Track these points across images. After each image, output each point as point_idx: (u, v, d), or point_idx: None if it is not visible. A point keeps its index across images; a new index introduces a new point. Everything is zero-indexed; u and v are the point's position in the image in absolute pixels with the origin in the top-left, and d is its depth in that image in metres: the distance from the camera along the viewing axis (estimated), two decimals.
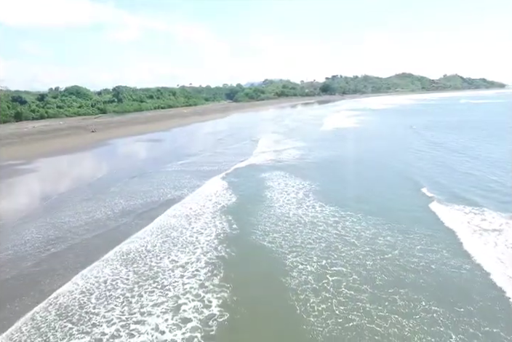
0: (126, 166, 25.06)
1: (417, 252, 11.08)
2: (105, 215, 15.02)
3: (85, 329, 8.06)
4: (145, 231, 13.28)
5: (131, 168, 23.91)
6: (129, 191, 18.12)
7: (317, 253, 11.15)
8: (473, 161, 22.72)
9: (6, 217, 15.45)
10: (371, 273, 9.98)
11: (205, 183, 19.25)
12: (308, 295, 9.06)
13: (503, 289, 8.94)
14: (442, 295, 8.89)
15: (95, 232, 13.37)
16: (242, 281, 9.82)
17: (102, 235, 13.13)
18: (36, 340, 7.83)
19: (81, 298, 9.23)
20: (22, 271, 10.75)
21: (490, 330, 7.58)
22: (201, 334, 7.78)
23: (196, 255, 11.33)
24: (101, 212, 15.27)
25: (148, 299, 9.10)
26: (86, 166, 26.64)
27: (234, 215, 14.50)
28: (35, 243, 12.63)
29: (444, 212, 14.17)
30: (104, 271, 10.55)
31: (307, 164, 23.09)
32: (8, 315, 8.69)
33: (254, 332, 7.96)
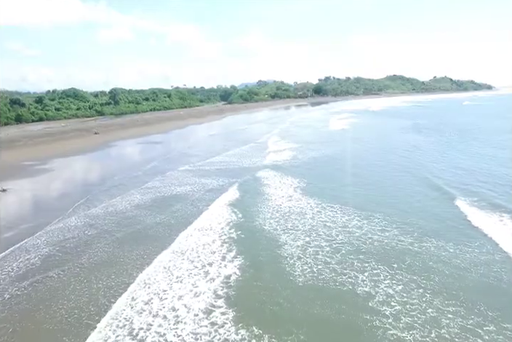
0: (137, 165, 27.93)
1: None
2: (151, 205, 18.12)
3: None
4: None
5: (144, 168, 26.89)
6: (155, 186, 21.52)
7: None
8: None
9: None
10: (340, 245, 13.19)
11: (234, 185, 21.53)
12: (295, 259, 12.21)
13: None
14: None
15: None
16: (249, 253, 12.89)
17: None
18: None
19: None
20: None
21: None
22: (223, 285, 10.85)
23: (217, 236, 14.41)
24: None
25: (186, 266, 12.12)
26: (100, 165, 29.52)
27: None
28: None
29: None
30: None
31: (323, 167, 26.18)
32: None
33: (260, 282, 11.05)
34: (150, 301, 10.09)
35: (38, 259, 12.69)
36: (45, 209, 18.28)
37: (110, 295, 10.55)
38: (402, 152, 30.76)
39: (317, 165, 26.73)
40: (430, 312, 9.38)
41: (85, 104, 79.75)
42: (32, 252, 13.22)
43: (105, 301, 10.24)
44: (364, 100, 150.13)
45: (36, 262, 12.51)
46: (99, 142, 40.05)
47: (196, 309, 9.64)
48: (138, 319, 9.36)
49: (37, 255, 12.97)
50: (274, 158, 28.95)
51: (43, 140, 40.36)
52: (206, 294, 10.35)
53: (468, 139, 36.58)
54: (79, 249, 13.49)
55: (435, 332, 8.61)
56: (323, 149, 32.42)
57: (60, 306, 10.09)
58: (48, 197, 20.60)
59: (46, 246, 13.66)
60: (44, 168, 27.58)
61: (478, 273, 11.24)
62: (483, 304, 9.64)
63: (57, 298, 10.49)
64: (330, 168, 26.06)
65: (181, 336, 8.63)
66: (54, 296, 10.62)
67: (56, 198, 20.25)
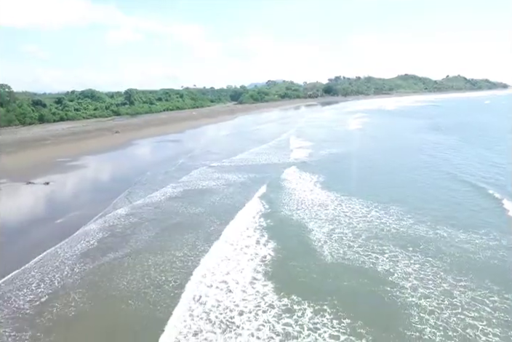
0: (165, 162, 29.73)
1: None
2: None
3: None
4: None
5: (173, 164, 28.66)
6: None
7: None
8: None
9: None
10: (360, 232, 14.79)
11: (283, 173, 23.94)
12: (322, 243, 13.89)
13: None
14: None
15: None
16: (280, 238, 14.58)
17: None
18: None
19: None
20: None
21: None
22: (260, 263, 12.58)
23: (251, 224, 16.16)
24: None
25: (228, 248, 13.94)
26: (129, 162, 31.66)
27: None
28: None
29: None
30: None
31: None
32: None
33: (293, 262, 12.74)
34: (204, 276, 11.86)
35: (96, 241, 14.63)
36: (90, 200, 20.27)
37: (161, 269, 12.39)
38: (423, 150, 32.14)
39: (339, 162, 28.50)
40: (443, 286, 10.93)
41: (102, 104, 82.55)
42: (90, 236, 15.16)
43: (156, 275, 12.06)
44: (375, 99, 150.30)
45: (94, 243, 14.44)
46: (121, 141, 42.32)
47: (242, 282, 11.39)
48: (196, 288, 11.14)
49: (94, 238, 14.89)
50: (296, 156, 30.71)
51: (68, 138, 42.87)
52: (248, 270, 12.10)
53: (497, 140, 36.28)
54: (129, 236, 15.36)
55: (448, 301, 10.17)
56: (342, 148, 34.01)
57: (120, 278, 11.94)
58: (89, 190, 22.68)
59: (101, 231, 15.58)
60: (76, 164, 29.82)
61: (486, 256, 12.75)
62: (489, 281, 11.14)
63: (116, 272, 12.36)
64: (352, 165, 27.87)
65: (234, 302, 10.38)
66: (114, 270, 12.49)
67: (97, 191, 22.31)
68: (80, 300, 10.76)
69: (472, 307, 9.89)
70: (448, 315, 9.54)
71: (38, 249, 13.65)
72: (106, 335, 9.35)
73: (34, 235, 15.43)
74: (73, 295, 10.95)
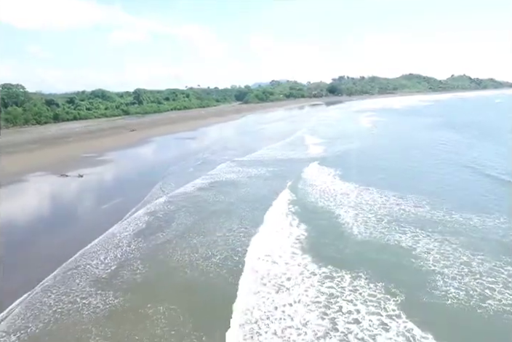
0: (188, 157, 31.38)
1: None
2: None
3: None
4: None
5: (196, 159, 30.32)
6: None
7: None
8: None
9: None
10: (382, 217, 16.35)
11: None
12: (350, 225, 15.44)
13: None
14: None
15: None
16: (310, 221, 16.16)
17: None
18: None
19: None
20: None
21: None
22: (296, 241, 14.17)
23: (282, 211, 17.77)
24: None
25: (264, 229, 15.54)
26: (153, 157, 33.37)
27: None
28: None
29: None
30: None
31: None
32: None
33: (325, 240, 14.30)
34: (248, 251, 13.47)
35: (144, 224, 16.25)
36: (127, 190, 22.00)
37: (207, 246, 13.98)
38: (437, 146, 33.42)
39: (355, 157, 30.08)
40: (462, 258, 12.46)
41: (112, 104, 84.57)
42: (137, 220, 16.78)
43: (203, 251, 13.67)
44: (380, 99, 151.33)
45: (143, 226, 16.07)
46: (139, 138, 44.08)
47: (283, 256, 12.98)
48: (244, 260, 12.76)
49: (142, 222, 16.50)
50: (314, 151, 32.35)
51: (88, 136, 44.74)
52: (287, 247, 13.69)
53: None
54: (172, 220, 16.93)
55: (467, 269, 11.71)
56: (357, 144, 35.54)
57: (173, 253, 13.55)
58: (122, 181, 24.44)
59: (146, 216, 17.20)
60: (103, 159, 31.58)
61: (499, 235, 14.26)
62: (503, 255, 12.66)
63: (167, 249, 13.95)
64: (367, 159, 29.35)
65: (281, 270, 11.95)
66: (165, 247, 14.09)
67: (131, 182, 24.05)
68: (143, 269, 12.40)
69: (489, 274, 11.42)
70: (468, 280, 11.09)
71: (98, 230, 15.34)
72: (176, 293, 10.94)
73: (89, 219, 17.18)
74: (136, 265, 12.59)
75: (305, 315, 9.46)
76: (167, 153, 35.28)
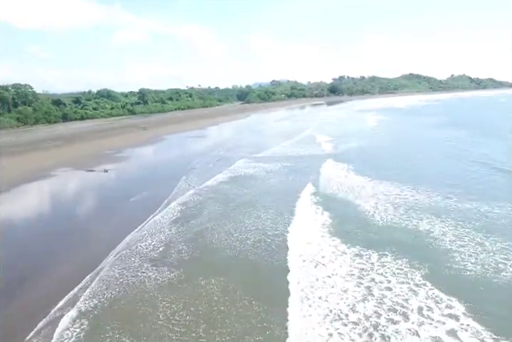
0: (205, 153, 32.82)
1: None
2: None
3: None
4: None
5: (214, 155, 31.74)
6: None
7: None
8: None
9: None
10: (399, 206, 17.76)
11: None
12: (371, 213, 16.83)
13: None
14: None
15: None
16: (333, 210, 17.55)
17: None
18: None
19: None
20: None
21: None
22: (322, 226, 15.56)
23: (306, 201, 19.17)
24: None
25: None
26: (170, 154, 34.74)
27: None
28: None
29: None
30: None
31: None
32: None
33: (349, 225, 15.67)
34: (279, 235, 14.89)
35: (178, 213, 17.60)
36: (153, 183, 23.35)
37: (241, 231, 15.34)
38: (444, 143, 34.84)
39: (366, 153, 31.46)
40: (476, 239, 13.83)
41: (118, 104, 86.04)
42: (172, 209, 18.12)
43: (237, 235, 15.01)
44: (381, 99, 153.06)
45: (178, 214, 17.42)
46: (151, 136, 45.45)
47: (314, 239, 14.37)
48: (277, 242, 14.15)
49: (176, 211, 17.85)
50: (326, 148, 33.79)
51: (102, 134, 46.09)
52: (315, 231, 15.07)
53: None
54: (203, 210, 18.29)
55: (481, 248, 13.10)
56: (366, 142, 36.91)
57: (211, 237, 14.89)
58: (147, 176, 25.80)
59: (179, 206, 18.57)
60: (123, 155, 32.96)
61: (508, 221, 15.68)
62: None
63: (204, 233, 15.27)
64: (378, 155, 30.87)
65: (315, 250, 13.35)
66: (202, 232, 15.41)
67: (155, 176, 25.43)
68: (188, 249, 13.76)
69: (502, 252, 12.81)
70: (483, 257, 12.48)
71: (138, 219, 16.67)
72: (221, 269, 12.28)
73: (126, 209, 18.55)
74: (180, 247, 13.95)
75: (343, 284, 10.85)
76: (183, 150, 36.64)
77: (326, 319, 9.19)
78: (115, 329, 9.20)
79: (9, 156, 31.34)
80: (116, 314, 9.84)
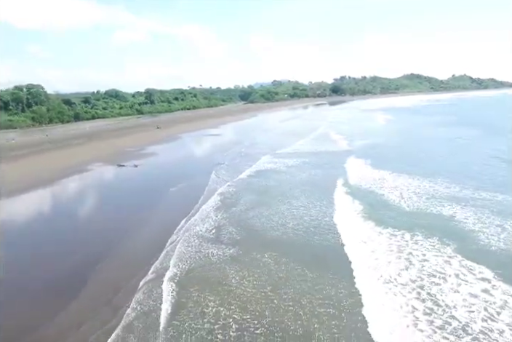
0: (228, 150, 34.40)
1: None
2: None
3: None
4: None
5: (238, 152, 33.31)
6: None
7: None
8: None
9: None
10: (421, 195, 19.47)
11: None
12: (398, 200, 18.52)
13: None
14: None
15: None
16: (363, 199, 19.22)
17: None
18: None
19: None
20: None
21: None
22: (356, 215, 17.24)
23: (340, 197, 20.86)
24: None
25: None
26: (191, 151, 36.46)
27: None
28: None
29: None
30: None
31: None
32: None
33: (380, 211, 17.35)
34: (315, 219, 16.61)
35: (219, 201, 19.29)
36: (186, 176, 25.04)
37: (283, 215, 16.99)
38: (455, 140, 36.60)
39: (381, 149, 33.29)
40: (496, 222, 15.47)
41: (126, 103, 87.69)
42: (213, 199, 19.82)
43: (277, 219, 16.67)
44: (383, 98, 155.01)
45: (219, 203, 19.08)
46: (167, 135, 47.11)
47: (352, 223, 16.06)
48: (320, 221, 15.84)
49: (217, 200, 19.54)
50: (341, 146, 35.45)
51: (118, 133, 47.77)
52: (350, 215, 16.78)
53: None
54: (241, 199, 19.90)
55: (501, 229, 14.78)
56: (378, 139, 38.78)
57: (254, 220, 16.54)
58: (177, 170, 27.55)
59: (218, 196, 20.29)
60: (145, 153, 34.58)
61: None
62: None
63: (246, 217, 16.89)
64: (393, 151, 32.74)
65: (356, 233, 15.03)
66: (244, 216, 17.07)
67: (185, 170, 27.12)
68: (237, 231, 15.39)
69: None
70: (504, 236, 14.15)
71: (185, 206, 18.40)
72: (270, 246, 13.93)
73: (168, 198, 20.28)
74: (229, 229, 15.59)
75: (386, 257, 12.54)
76: (203, 148, 38.37)
77: (379, 282, 10.89)
78: (198, 291, 10.86)
79: (48, 152, 34.16)
80: (195, 280, 11.51)
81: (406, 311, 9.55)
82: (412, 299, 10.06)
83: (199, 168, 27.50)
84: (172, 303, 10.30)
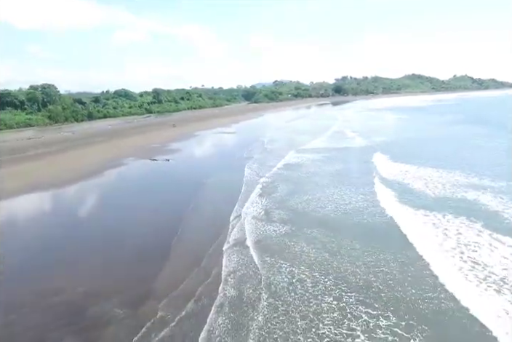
0: (251, 146, 36.19)
1: None
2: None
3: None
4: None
5: (255, 148, 35.21)
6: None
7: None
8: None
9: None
10: (445, 184, 21.45)
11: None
12: (421, 189, 20.51)
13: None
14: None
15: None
16: (394, 187, 21.21)
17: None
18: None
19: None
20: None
21: None
22: (388, 199, 19.22)
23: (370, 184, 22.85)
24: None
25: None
26: (215, 147, 38.33)
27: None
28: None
29: None
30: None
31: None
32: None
33: (409, 196, 19.35)
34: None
35: (259, 190, 21.24)
36: (217, 169, 26.96)
37: (321, 200, 18.94)
38: (470, 137, 38.15)
39: (399, 145, 35.44)
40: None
41: (135, 103, 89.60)
42: (255, 190, 21.80)
43: (317, 204, 18.61)
44: (386, 98, 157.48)
45: (259, 191, 21.03)
46: (184, 133, 48.98)
47: (386, 205, 18.01)
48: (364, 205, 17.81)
49: (258, 189, 21.48)
50: (361, 142, 37.26)
51: (136, 131, 49.70)
52: (384, 199, 18.74)
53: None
54: (279, 187, 21.90)
55: None
56: (395, 136, 40.56)
57: (295, 206, 18.49)
58: (206, 164, 29.43)
59: (260, 184, 22.22)
60: (170, 148, 36.44)
61: None
62: None
63: (290, 204, 18.89)
64: (412, 146, 34.78)
65: (394, 213, 17.00)
66: (289, 204, 19.04)
67: (213, 164, 28.97)
68: (284, 213, 17.26)
69: None
70: None
71: (230, 195, 20.37)
72: (320, 224, 15.81)
73: (213, 188, 22.21)
74: (277, 212, 17.46)
75: (423, 232, 14.53)
76: (224, 144, 40.33)
77: (423, 249, 12.90)
78: (269, 257, 12.80)
79: (81, 147, 36.16)
80: (264, 249, 13.45)
81: (451, 267, 11.58)
82: (456, 259, 12.07)
83: (229, 162, 29.37)
84: (254, 263, 12.34)
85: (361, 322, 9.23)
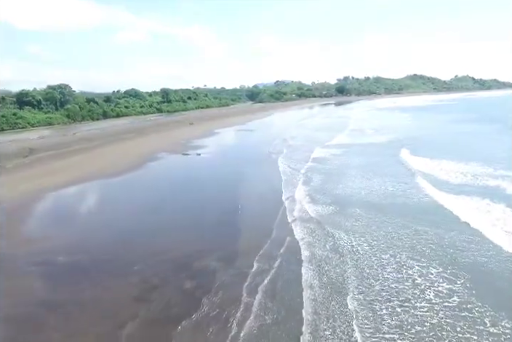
0: (275, 142, 38.24)
1: None
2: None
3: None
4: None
5: (280, 145, 37.28)
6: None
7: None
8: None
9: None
10: (466, 174, 23.79)
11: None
12: (444, 181, 22.82)
13: None
14: None
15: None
16: (424, 177, 23.53)
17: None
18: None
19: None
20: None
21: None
22: (420, 185, 21.55)
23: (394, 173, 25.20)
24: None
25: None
26: (240, 143, 40.48)
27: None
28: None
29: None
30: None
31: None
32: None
33: (436, 185, 21.68)
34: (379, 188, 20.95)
35: (300, 180, 23.52)
36: (250, 162, 29.16)
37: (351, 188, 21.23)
38: (484, 134, 40.40)
39: (414, 141, 36.59)
40: None
41: (146, 102, 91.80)
42: (297, 183, 24.10)
43: (348, 191, 20.89)
44: (389, 98, 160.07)
45: (297, 182, 23.32)
46: (204, 130, 51.13)
47: (417, 196, 20.32)
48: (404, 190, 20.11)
49: (301, 179, 23.79)
50: (381, 139, 39.01)
51: (157, 129, 51.89)
52: (419, 184, 21.06)
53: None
54: (315, 175, 24.20)
55: None
56: (412, 134, 41.86)
57: (333, 191, 20.77)
58: (237, 158, 31.71)
59: (302, 175, 24.53)
60: (196, 144, 38.58)
61: None
62: None
63: (330, 189, 21.16)
64: (429, 141, 36.61)
65: (423, 195, 19.31)
66: (327, 188, 21.31)
67: (243, 159, 31.29)
68: (324, 197, 19.40)
69: None
70: None
71: (275, 182, 22.74)
72: (357, 206, 18.05)
73: (254, 177, 24.52)
74: (318, 196, 19.68)
75: (460, 210, 16.88)
76: (246, 140, 42.46)
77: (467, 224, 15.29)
78: (329, 228, 15.06)
79: (112, 144, 38.63)
80: (320, 224, 15.69)
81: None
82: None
83: (259, 156, 31.48)
84: (318, 233, 14.71)
85: (416, 270, 11.58)
